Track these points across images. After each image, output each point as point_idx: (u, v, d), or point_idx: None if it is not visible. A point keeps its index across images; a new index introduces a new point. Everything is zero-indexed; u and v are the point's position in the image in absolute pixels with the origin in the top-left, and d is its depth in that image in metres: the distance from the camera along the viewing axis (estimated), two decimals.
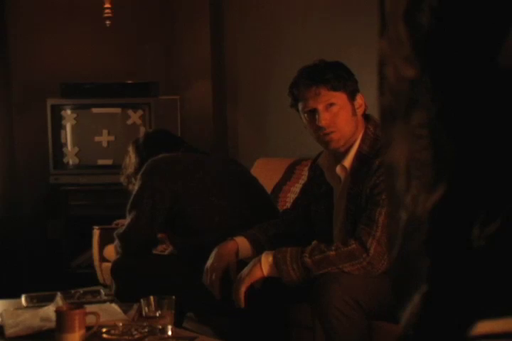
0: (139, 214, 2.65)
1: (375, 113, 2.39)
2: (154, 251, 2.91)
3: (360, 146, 2.32)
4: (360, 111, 2.36)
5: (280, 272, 2.23)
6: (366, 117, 2.39)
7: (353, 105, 2.33)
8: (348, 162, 2.33)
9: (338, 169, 2.37)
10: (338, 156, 2.37)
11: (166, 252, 3.07)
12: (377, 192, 2.21)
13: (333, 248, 2.20)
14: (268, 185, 3.57)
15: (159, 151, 2.81)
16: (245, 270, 2.31)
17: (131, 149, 2.94)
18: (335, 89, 2.30)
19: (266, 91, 4.33)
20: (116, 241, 2.77)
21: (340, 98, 2.31)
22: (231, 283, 2.35)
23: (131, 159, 2.90)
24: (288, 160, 3.76)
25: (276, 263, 2.23)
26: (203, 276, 2.45)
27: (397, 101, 0.57)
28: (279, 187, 3.63)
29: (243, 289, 2.27)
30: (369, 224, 2.20)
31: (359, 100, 2.35)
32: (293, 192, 3.52)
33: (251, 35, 4.48)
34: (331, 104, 2.30)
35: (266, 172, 3.74)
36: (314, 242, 2.27)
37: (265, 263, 2.26)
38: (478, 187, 0.52)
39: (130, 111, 4.38)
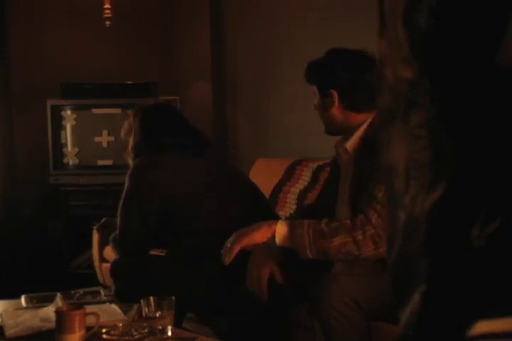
0: (129, 218, 2.66)
1: None
2: (153, 252, 2.91)
3: (366, 130, 2.41)
4: (336, 107, 2.42)
5: (294, 239, 2.23)
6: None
7: (323, 100, 2.47)
8: (350, 144, 2.43)
9: (341, 150, 2.48)
10: (345, 139, 2.48)
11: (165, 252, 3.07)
12: (375, 169, 2.24)
13: (348, 219, 2.26)
14: (268, 186, 3.57)
15: (160, 135, 2.79)
16: (246, 231, 2.32)
17: (136, 122, 2.86)
18: (310, 82, 2.51)
19: (266, 92, 4.33)
20: (112, 245, 2.78)
21: (314, 91, 2.49)
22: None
23: (135, 134, 2.84)
24: (288, 160, 3.76)
25: (291, 229, 2.25)
26: (246, 283, 2.41)
27: (396, 101, 0.57)
28: (279, 188, 3.63)
29: (237, 248, 2.30)
30: (369, 199, 2.25)
31: (332, 97, 2.43)
32: (293, 192, 3.52)
33: (251, 35, 4.49)
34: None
35: (266, 173, 3.74)
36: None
37: (279, 234, 2.27)
38: (478, 187, 0.52)
39: (130, 112, 4.37)
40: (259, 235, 2.29)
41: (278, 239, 2.27)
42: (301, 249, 2.24)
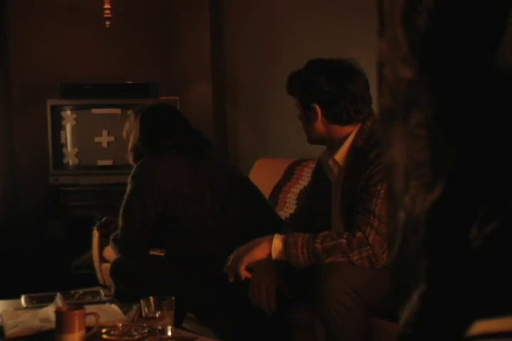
0: (131, 219, 2.67)
1: None
2: (153, 252, 2.91)
3: (354, 141, 2.36)
4: (320, 121, 2.38)
5: (289, 256, 2.24)
6: (361, 115, 2.39)
7: (305, 113, 2.42)
8: (339, 156, 2.38)
9: (330, 162, 2.43)
10: (332, 151, 2.42)
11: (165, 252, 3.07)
12: (372, 183, 2.23)
13: (344, 236, 2.22)
14: (268, 186, 3.57)
15: (160, 135, 2.80)
16: (246, 248, 2.32)
17: (136, 123, 2.86)
18: (291, 94, 2.46)
19: (266, 92, 4.33)
20: (112, 245, 2.78)
21: (296, 103, 2.45)
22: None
23: (135, 135, 2.85)
24: (288, 160, 3.76)
25: (286, 247, 2.25)
26: (250, 296, 2.37)
27: (396, 101, 0.57)
28: (279, 188, 3.63)
29: (243, 268, 2.31)
30: (366, 214, 2.22)
31: (315, 111, 2.38)
32: (293, 192, 3.52)
33: (251, 35, 4.48)
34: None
35: (266, 173, 3.74)
36: (326, 232, 2.28)
37: (275, 249, 2.27)
38: (477, 187, 0.52)
39: (131, 112, 4.37)
40: (259, 252, 2.31)
41: (274, 254, 2.29)
42: (296, 265, 2.27)
